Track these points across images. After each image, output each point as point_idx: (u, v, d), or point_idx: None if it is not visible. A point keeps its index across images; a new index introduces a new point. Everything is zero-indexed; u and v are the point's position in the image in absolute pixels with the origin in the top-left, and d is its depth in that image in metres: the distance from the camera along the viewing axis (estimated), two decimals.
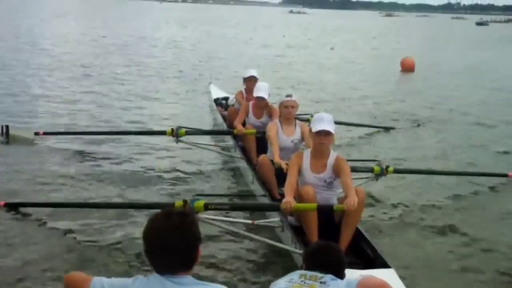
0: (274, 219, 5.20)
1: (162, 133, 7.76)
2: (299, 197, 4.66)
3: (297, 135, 6.18)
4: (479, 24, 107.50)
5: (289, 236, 4.89)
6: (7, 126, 8.73)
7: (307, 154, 4.94)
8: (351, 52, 30.77)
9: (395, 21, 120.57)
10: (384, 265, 4.44)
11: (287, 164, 5.21)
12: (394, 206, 6.73)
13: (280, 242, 5.03)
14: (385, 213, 6.47)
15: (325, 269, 2.89)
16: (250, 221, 5.24)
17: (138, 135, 8.98)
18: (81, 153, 8.25)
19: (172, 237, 2.14)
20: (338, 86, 17.35)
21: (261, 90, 7.19)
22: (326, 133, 4.68)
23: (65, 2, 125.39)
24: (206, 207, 4.73)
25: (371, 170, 6.09)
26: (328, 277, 2.83)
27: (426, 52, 32.53)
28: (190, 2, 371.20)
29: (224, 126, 8.92)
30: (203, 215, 4.73)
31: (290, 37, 42.64)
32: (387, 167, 6.05)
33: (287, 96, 6.17)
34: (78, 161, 7.82)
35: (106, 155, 8.19)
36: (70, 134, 9.07)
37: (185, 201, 4.74)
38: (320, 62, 24.78)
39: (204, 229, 4.64)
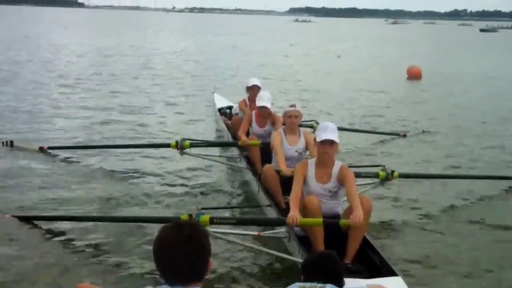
0: (280, 229, 5.16)
1: (166, 145, 7.70)
2: (303, 208, 4.69)
3: (301, 144, 6.19)
4: (483, 30, 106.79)
5: (295, 246, 4.90)
6: (11, 142, 8.80)
7: (311, 163, 4.96)
8: (358, 60, 30.83)
9: (402, 29, 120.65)
10: (391, 273, 4.41)
11: (293, 171, 5.22)
12: (401, 212, 6.74)
13: (287, 252, 5.04)
14: (391, 219, 6.46)
15: (324, 278, 2.86)
16: (256, 233, 5.19)
17: (142, 148, 8.91)
18: (85, 167, 8.20)
19: (182, 248, 2.13)
20: (345, 94, 17.36)
21: (264, 99, 7.17)
22: (330, 142, 4.71)
23: (76, 13, 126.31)
24: (212, 221, 4.76)
25: (376, 175, 6.14)
26: (329, 286, 2.80)
27: (432, 59, 32.52)
28: (197, 12, 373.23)
29: (228, 136, 8.93)
30: (210, 229, 4.70)
31: (297, 46, 42.80)
32: (392, 172, 6.09)
33: (291, 106, 6.17)
34: (82, 176, 7.75)
35: (110, 168, 8.12)
36: (74, 149, 8.97)
37: (190, 216, 4.75)
38: (327, 70, 24.88)
39: (210, 242, 4.87)
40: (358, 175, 5.87)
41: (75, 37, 41.64)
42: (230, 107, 10.25)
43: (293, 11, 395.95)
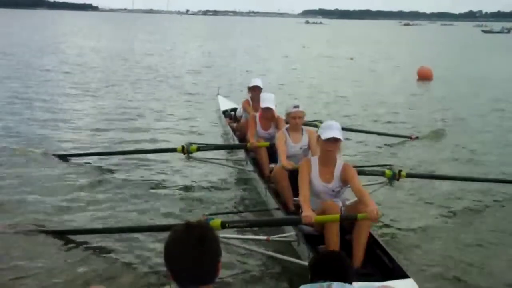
0: (289, 233, 5.12)
1: (173, 150, 7.63)
2: (322, 213, 4.75)
3: (304, 141, 6.30)
4: (487, 32, 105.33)
5: (305, 249, 4.83)
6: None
7: (314, 161, 5.05)
8: (370, 62, 30.86)
9: (415, 30, 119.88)
10: (403, 275, 4.39)
11: (293, 165, 5.58)
12: (411, 213, 6.72)
13: (296, 256, 4.96)
14: (401, 220, 6.44)
15: (330, 278, 2.82)
16: (265, 238, 5.12)
17: (148, 153, 8.65)
18: (91, 174, 8.06)
19: (193, 250, 2.13)
20: (355, 95, 17.46)
21: (268, 101, 7.23)
22: (335, 140, 4.80)
23: (90, 17, 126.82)
24: (224, 226, 4.71)
25: (382, 173, 6.15)
26: (335, 284, 2.78)
27: (443, 61, 32.41)
28: (211, 15, 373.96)
29: (234, 138, 8.91)
30: (223, 235, 4.69)
31: (309, 48, 42.90)
32: (400, 171, 6.05)
33: (294, 106, 6.23)
34: (89, 183, 7.59)
35: (116, 175, 8.02)
36: (79, 156, 8.69)
37: (216, 221, 4.70)
38: (340, 72, 25.01)
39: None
40: (363, 173, 6.02)
41: (92, 43, 42.02)
42: (234, 109, 10.16)
43: (307, 13, 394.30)
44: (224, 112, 10.80)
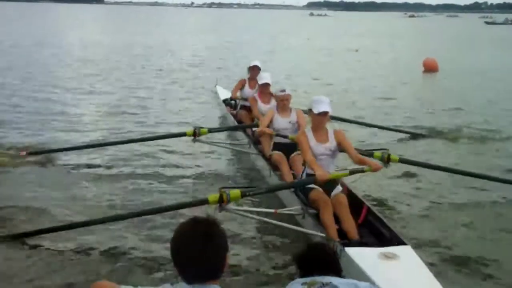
0: (295, 207, 5.59)
1: (182, 134, 7.96)
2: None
3: (293, 117, 7.08)
4: (490, 23, 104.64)
5: (310, 221, 5.33)
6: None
7: (308, 130, 5.68)
8: (375, 54, 30.75)
9: (420, 22, 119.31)
10: (400, 242, 4.67)
11: (270, 130, 6.90)
12: (406, 195, 7.20)
13: (302, 227, 5.40)
14: (399, 195, 7.13)
15: (318, 270, 2.83)
16: (273, 211, 5.47)
17: (158, 139, 8.77)
18: (102, 165, 8.15)
19: (200, 245, 2.12)
20: (363, 87, 17.36)
21: (266, 78, 8.29)
22: (325, 113, 5.44)
23: (95, 10, 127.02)
24: (244, 195, 4.97)
25: (371, 155, 6.25)
26: (331, 278, 2.77)
27: (448, 52, 32.12)
28: (215, 7, 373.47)
29: (235, 123, 9.39)
30: (232, 207, 5.04)
31: (314, 40, 42.80)
32: (389, 155, 6.16)
33: (281, 91, 7.09)
34: (100, 175, 7.72)
35: (130, 163, 8.27)
36: (82, 148, 8.67)
37: (221, 193, 4.85)
38: (345, 64, 24.90)
39: (233, 222, 5.73)
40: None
41: (102, 35, 42.04)
42: (234, 99, 10.32)
43: (312, 5, 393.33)
44: (224, 101, 11.25)
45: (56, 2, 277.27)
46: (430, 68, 22.03)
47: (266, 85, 8.26)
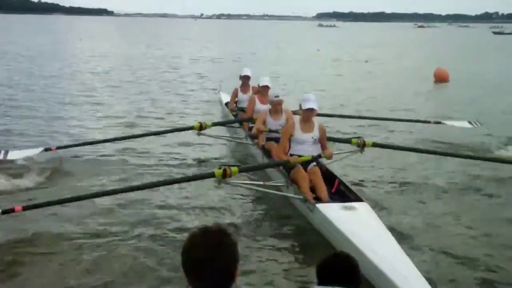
0: (280, 180, 7.04)
1: (190, 128, 9.21)
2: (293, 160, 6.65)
3: (283, 119, 8.13)
4: (497, 33, 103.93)
5: (291, 190, 6.65)
6: (6, 152, 8.25)
7: (297, 120, 6.89)
8: (385, 65, 30.71)
9: (430, 32, 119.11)
10: (358, 199, 6.09)
11: (261, 127, 8.17)
12: (373, 170, 8.80)
13: (285, 196, 6.80)
14: (370, 171, 8.69)
15: (340, 281, 2.72)
16: (262, 183, 6.92)
17: (166, 133, 9.82)
18: (121, 154, 9.34)
19: (211, 255, 2.09)
20: (376, 98, 17.23)
21: (266, 81, 9.47)
22: (312, 109, 6.68)
23: (101, 24, 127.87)
24: (241, 170, 6.39)
25: (349, 141, 7.64)
26: None
27: (457, 62, 31.92)
28: (225, 18, 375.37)
29: (236, 124, 10.45)
30: (232, 181, 6.28)
31: (324, 51, 42.87)
32: (364, 141, 7.41)
33: (276, 96, 8.16)
34: (121, 161, 8.97)
35: (142, 155, 9.41)
36: (85, 144, 9.19)
37: (225, 169, 6.08)
38: (355, 75, 24.81)
39: (234, 191, 7.17)
40: (332, 140, 7.90)
41: (108, 46, 42.38)
42: (232, 110, 11.46)
43: (321, 16, 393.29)
44: (226, 104, 12.35)
45: (68, 14, 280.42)
46: (441, 79, 21.91)
47: (266, 87, 9.41)
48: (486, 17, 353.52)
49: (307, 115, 6.72)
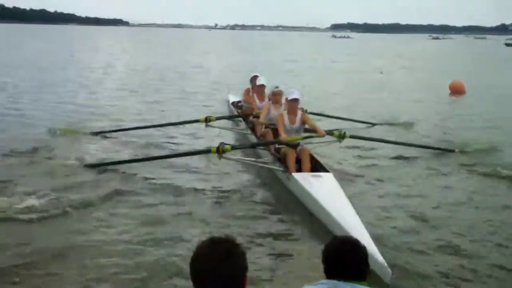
0: (267, 158, 8.79)
1: (196, 121, 11.02)
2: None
3: (282, 109, 8.98)
4: (509, 45, 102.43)
5: (277, 164, 8.26)
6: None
7: (285, 113, 8.39)
8: (400, 76, 30.33)
9: (444, 44, 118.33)
10: (325, 170, 7.82)
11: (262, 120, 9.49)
12: (352, 153, 10.72)
13: (274, 168, 8.39)
14: (345, 157, 10.42)
15: (346, 269, 2.68)
16: (253, 159, 8.90)
17: (178, 125, 11.85)
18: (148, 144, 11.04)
19: (220, 265, 2.08)
20: (391, 110, 16.68)
21: (262, 81, 10.99)
22: (295, 100, 8.23)
23: (121, 32, 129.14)
24: (233, 148, 8.07)
25: (331, 134, 8.78)
26: (356, 287, 2.65)
27: (475, 74, 31.53)
28: (239, 29, 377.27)
29: (240, 118, 12.10)
30: (229, 156, 8.09)
31: (339, 62, 42.65)
32: (344, 133, 8.90)
33: (276, 87, 9.52)
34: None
35: (157, 143, 11.21)
36: (120, 131, 11.62)
37: (218, 147, 7.77)
38: (370, 86, 24.52)
39: (230, 165, 9.01)
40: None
41: (129, 58, 42.59)
42: (239, 101, 13.46)
43: (335, 27, 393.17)
44: (233, 103, 14.15)
45: (84, 24, 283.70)
46: (456, 91, 21.51)
47: (262, 86, 10.87)
48: (502, 29, 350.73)
49: (291, 105, 8.22)
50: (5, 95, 17.85)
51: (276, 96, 9.30)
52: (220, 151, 7.71)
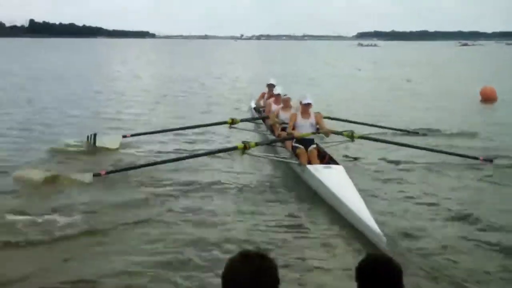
0: (286, 154, 9.89)
1: (223, 123, 12.10)
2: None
3: (291, 112, 10.01)
4: None
5: (293, 159, 9.39)
6: (95, 135, 11.03)
7: (298, 113, 9.50)
8: (428, 84, 29.68)
9: (473, 51, 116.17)
10: (336, 163, 8.86)
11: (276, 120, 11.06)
12: (361, 151, 11.38)
13: (291, 161, 9.52)
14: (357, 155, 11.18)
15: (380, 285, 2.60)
16: (273, 155, 10.31)
17: (207, 126, 12.59)
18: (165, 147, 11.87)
19: (252, 280, 2.05)
20: (420, 118, 16.23)
21: (278, 90, 12.32)
22: (308, 104, 9.40)
23: (148, 44, 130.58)
24: (257, 144, 9.26)
25: (341, 134, 9.76)
26: None
27: (507, 80, 30.53)
28: (264, 39, 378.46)
29: (260, 121, 13.47)
30: (252, 153, 9.26)
31: (366, 71, 42.19)
32: (353, 133, 9.65)
33: (284, 95, 11.13)
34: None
35: (188, 142, 12.47)
36: (156, 133, 12.26)
37: (244, 144, 8.95)
38: (399, 94, 24.04)
39: (254, 161, 10.35)
40: (332, 132, 9.76)
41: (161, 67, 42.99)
42: (257, 106, 15.19)
43: (362, 35, 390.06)
44: (254, 108, 15.52)
45: (111, 37, 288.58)
46: (488, 98, 20.80)
47: (278, 95, 12.01)
48: None
49: (304, 108, 9.41)
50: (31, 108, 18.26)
51: (285, 102, 10.95)
52: (246, 147, 8.90)
